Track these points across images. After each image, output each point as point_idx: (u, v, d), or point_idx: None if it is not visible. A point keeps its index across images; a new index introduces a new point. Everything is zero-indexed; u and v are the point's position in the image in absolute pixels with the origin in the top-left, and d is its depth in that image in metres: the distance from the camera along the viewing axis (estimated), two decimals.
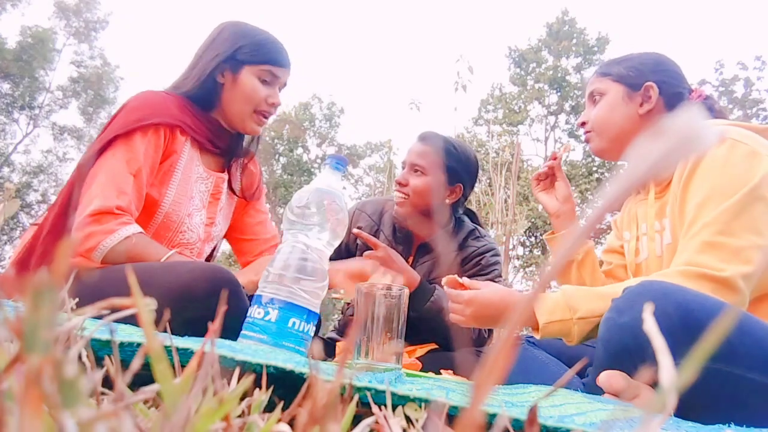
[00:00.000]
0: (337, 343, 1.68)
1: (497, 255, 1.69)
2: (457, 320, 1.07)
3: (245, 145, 1.37)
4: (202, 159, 1.26)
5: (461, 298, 1.06)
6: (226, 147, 1.30)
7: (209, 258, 1.41)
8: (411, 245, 1.67)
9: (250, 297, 1.03)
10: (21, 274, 1.09)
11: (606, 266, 1.28)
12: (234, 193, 1.36)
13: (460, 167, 1.64)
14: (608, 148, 1.17)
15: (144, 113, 1.13)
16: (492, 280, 1.61)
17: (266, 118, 1.27)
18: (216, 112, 1.26)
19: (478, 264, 1.65)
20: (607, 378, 0.75)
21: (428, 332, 1.56)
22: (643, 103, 1.14)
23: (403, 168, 1.66)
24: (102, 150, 1.10)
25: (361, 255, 1.64)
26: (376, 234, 1.67)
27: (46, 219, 1.11)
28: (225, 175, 1.32)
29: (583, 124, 1.22)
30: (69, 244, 0.17)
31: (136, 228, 1.06)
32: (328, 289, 0.88)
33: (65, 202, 1.11)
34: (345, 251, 1.70)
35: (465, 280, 1.08)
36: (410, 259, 1.67)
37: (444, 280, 1.10)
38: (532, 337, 1.10)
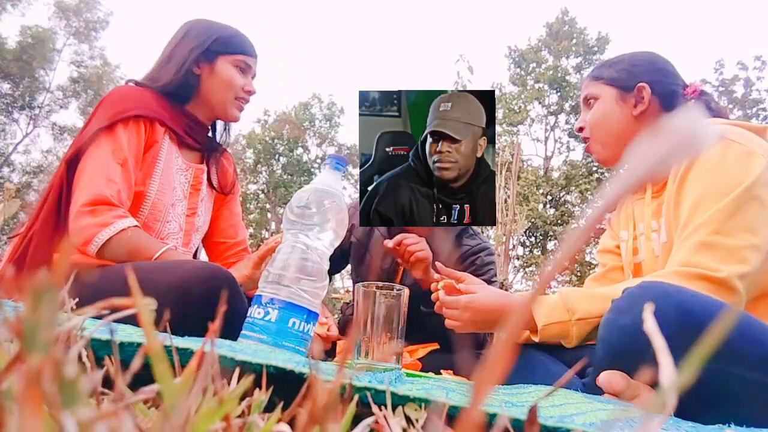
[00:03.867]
0: (338, 343, 1.68)
1: (491, 254, 1.70)
2: (455, 326, 1.07)
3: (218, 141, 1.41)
4: (180, 152, 1.28)
5: (458, 304, 1.05)
6: (203, 140, 1.33)
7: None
8: None
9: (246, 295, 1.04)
10: (15, 273, 1.09)
11: (600, 268, 1.27)
12: (212, 186, 1.37)
13: None
14: (610, 155, 1.17)
15: (124, 106, 1.15)
16: (488, 280, 1.61)
17: (244, 105, 1.32)
18: (192, 105, 1.29)
19: (473, 264, 1.65)
20: (607, 378, 0.75)
21: (434, 328, 1.55)
22: (636, 105, 1.13)
23: None
24: (86, 145, 1.11)
25: (357, 252, 1.67)
26: (370, 231, 1.70)
27: (35, 217, 1.11)
28: (204, 167, 1.34)
29: (580, 129, 1.21)
30: (68, 243, 0.17)
31: (131, 221, 1.07)
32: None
33: (55, 199, 1.11)
34: (338, 250, 1.72)
35: (461, 286, 1.08)
36: None
37: (440, 284, 1.11)
38: None
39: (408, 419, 0.41)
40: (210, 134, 1.38)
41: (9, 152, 16.44)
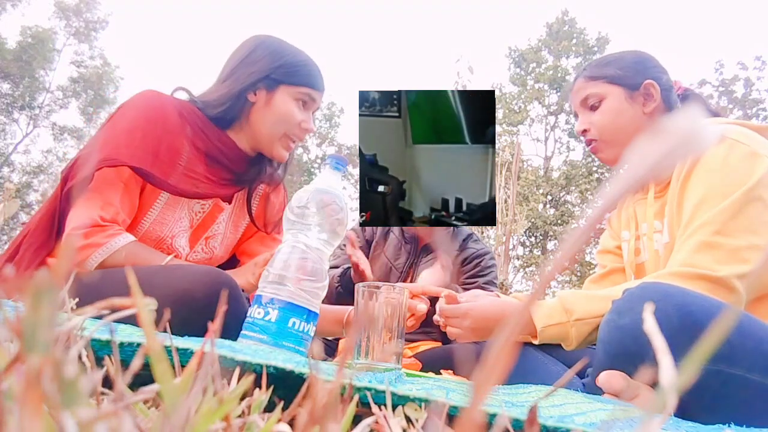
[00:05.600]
0: (340, 341, 1.71)
1: (493, 259, 1.81)
2: (455, 333, 1.07)
3: (270, 172, 1.25)
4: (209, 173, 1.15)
5: (458, 312, 1.05)
6: (239, 170, 1.18)
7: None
8: (417, 245, 1.77)
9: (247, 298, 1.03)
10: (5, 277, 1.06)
11: (600, 269, 1.27)
12: (251, 218, 1.25)
13: None
14: (620, 155, 1.14)
15: (122, 151, 1.02)
16: (490, 282, 1.73)
17: (294, 143, 1.18)
18: (234, 131, 1.17)
19: (478, 265, 1.75)
20: (607, 378, 0.75)
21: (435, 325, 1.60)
22: (646, 102, 1.12)
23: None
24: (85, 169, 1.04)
25: (374, 251, 1.74)
26: (387, 234, 1.79)
27: (29, 227, 1.07)
28: (227, 206, 1.21)
29: (584, 132, 1.17)
30: (69, 246, 0.17)
31: (126, 239, 1.01)
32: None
33: (50, 210, 1.07)
34: (367, 245, 1.82)
35: (461, 296, 1.09)
36: (416, 259, 1.78)
37: (443, 293, 1.11)
38: None
39: (408, 419, 0.41)
40: (255, 163, 1.22)
41: (9, 152, 16.45)
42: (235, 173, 1.18)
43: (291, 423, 0.30)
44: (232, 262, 1.32)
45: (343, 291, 1.62)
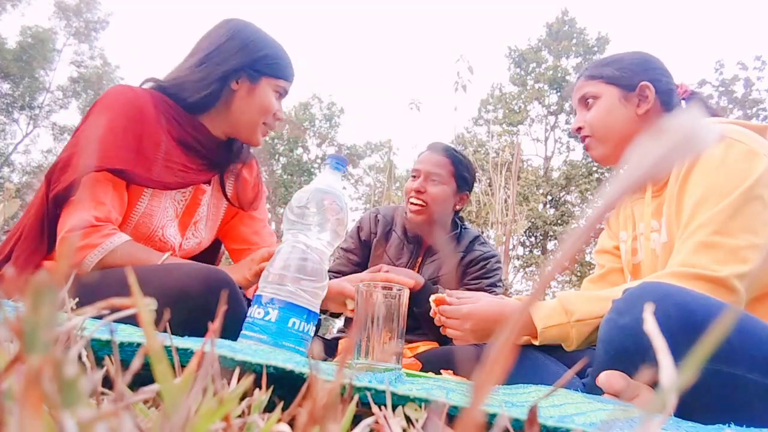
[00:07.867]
0: (340, 341, 1.71)
1: (499, 262, 1.80)
2: (455, 335, 1.06)
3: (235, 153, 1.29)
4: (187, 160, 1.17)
5: (459, 313, 1.05)
6: (212, 156, 1.21)
7: (216, 261, 1.37)
8: (420, 246, 1.77)
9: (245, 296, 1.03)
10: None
11: (598, 269, 1.27)
12: (227, 200, 1.29)
13: (469, 177, 1.77)
14: (611, 153, 1.15)
15: (106, 154, 1.03)
16: (494, 284, 1.72)
17: (270, 130, 1.24)
18: (209, 116, 1.19)
19: (483, 268, 1.74)
20: (607, 378, 0.75)
21: (429, 327, 1.59)
22: (640, 104, 1.12)
23: (414, 176, 1.73)
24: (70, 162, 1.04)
25: (376, 250, 1.75)
26: (389, 234, 1.79)
27: (19, 231, 1.07)
28: (207, 188, 1.24)
29: (578, 129, 1.19)
30: (68, 247, 0.17)
31: (120, 238, 1.02)
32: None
33: (39, 214, 1.06)
34: (364, 245, 1.82)
35: (451, 296, 1.08)
36: (419, 259, 1.78)
37: (432, 297, 1.12)
38: None
39: (408, 419, 0.41)
40: (226, 147, 1.25)
41: (9, 152, 16.45)
42: (208, 158, 1.21)
43: (291, 423, 0.30)
44: (214, 248, 1.36)
45: None
